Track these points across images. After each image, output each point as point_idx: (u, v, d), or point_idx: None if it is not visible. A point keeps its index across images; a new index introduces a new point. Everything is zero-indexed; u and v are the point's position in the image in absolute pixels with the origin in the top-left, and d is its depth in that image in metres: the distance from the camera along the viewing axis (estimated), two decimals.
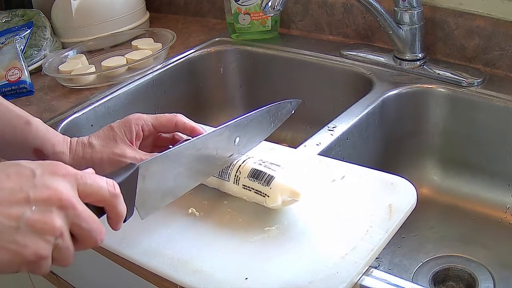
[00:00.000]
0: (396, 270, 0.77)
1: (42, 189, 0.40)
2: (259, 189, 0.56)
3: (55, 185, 0.41)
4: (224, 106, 1.13)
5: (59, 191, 0.41)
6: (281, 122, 0.64)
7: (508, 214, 0.82)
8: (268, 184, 0.55)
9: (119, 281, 0.69)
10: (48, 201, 0.40)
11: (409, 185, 0.59)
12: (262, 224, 0.56)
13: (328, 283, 0.48)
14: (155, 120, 0.61)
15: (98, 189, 0.44)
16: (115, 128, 0.60)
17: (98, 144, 0.59)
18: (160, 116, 0.62)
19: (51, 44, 1.12)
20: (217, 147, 0.57)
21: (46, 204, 0.40)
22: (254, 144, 0.62)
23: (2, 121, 0.57)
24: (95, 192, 0.44)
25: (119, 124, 0.60)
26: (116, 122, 0.61)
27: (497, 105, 0.80)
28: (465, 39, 0.88)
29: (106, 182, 0.44)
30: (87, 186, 0.43)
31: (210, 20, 1.24)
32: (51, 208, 0.40)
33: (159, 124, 0.61)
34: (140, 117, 0.61)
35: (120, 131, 0.59)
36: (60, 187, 0.41)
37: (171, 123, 0.61)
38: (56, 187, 0.41)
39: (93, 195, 0.44)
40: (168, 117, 0.61)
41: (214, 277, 0.50)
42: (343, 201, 0.58)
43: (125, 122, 0.60)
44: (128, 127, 0.59)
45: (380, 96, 0.84)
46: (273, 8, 0.82)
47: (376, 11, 0.86)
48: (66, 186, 0.42)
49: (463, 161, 0.87)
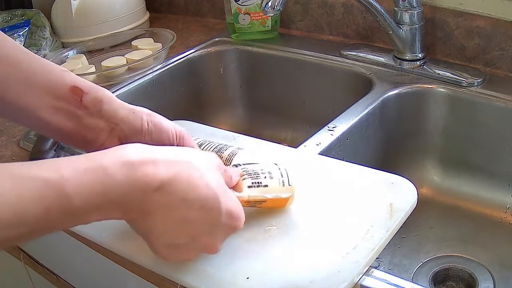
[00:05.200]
0: (396, 270, 0.77)
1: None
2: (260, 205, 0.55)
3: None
4: (224, 106, 1.13)
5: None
6: None
7: (508, 214, 0.82)
8: (266, 200, 0.54)
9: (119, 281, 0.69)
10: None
11: (409, 185, 0.59)
12: (263, 223, 0.56)
13: (329, 282, 0.48)
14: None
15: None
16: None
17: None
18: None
19: (51, 44, 1.12)
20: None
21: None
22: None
23: (38, 65, 0.53)
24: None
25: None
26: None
27: (497, 105, 0.80)
28: (465, 39, 0.88)
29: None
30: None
31: (210, 20, 1.24)
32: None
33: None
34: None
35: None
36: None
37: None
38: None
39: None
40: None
41: (215, 277, 0.50)
42: (344, 200, 0.58)
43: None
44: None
45: (380, 96, 0.84)
46: (273, 8, 0.82)
47: (376, 11, 0.86)
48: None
49: (463, 161, 0.87)
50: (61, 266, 0.84)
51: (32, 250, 0.86)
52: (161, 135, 0.54)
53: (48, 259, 0.85)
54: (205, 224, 0.46)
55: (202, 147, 0.63)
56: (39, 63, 0.53)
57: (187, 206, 0.44)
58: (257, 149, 0.68)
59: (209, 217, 0.46)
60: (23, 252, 0.87)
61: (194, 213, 0.45)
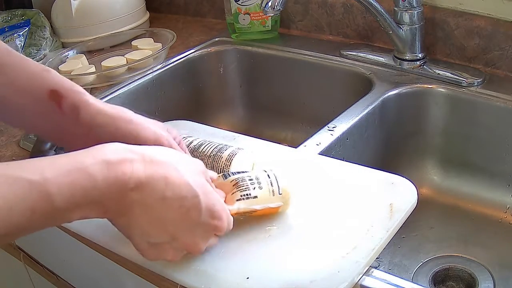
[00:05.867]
0: (396, 270, 0.77)
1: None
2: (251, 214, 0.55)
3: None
4: (224, 106, 1.13)
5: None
6: None
7: (508, 214, 0.82)
8: (256, 211, 0.54)
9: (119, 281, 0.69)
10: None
11: (409, 185, 0.59)
12: (263, 223, 0.56)
13: (330, 282, 0.48)
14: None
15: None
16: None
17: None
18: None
19: (51, 44, 1.12)
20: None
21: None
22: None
23: (20, 67, 0.54)
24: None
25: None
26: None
27: (497, 105, 0.80)
28: (465, 39, 0.88)
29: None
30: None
31: (210, 20, 1.24)
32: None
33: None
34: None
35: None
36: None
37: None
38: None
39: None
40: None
41: (215, 277, 0.50)
42: (344, 200, 0.58)
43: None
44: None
45: (380, 96, 0.84)
46: (273, 8, 0.82)
47: (376, 11, 0.86)
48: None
49: (463, 161, 0.87)
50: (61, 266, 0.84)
51: (32, 250, 0.86)
52: (137, 143, 0.52)
53: (48, 259, 0.85)
54: (185, 223, 0.46)
55: (202, 147, 0.63)
56: (22, 65, 0.53)
57: (166, 205, 0.45)
58: (257, 149, 0.68)
59: (188, 216, 0.46)
60: (23, 252, 0.87)
61: (173, 212, 0.45)
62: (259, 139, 0.71)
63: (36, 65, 0.55)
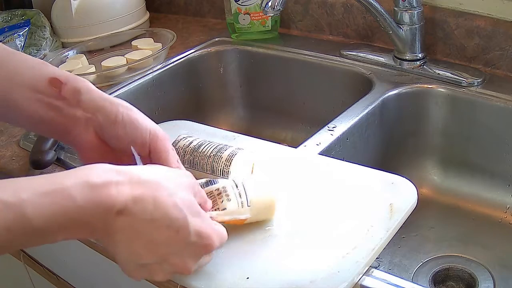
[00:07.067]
0: (396, 270, 0.77)
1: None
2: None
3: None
4: (224, 106, 1.13)
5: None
6: None
7: (508, 214, 0.82)
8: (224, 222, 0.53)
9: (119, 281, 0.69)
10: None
11: (409, 185, 0.59)
12: (263, 223, 0.56)
13: (330, 282, 0.48)
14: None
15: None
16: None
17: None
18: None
19: (51, 44, 1.12)
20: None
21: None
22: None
23: (19, 61, 0.54)
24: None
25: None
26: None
27: (497, 105, 0.80)
28: (465, 39, 0.88)
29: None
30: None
31: (210, 20, 1.24)
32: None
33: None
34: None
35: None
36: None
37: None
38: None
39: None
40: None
41: (215, 277, 0.50)
42: (344, 200, 0.58)
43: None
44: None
45: (380, 96, 0.84)
46: (273, 8, 0.82)
47: (376, 11, 0.86)
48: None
49: (463, 161, 0.87)
50: (61, 266, 0.84)
51: (32, 250, 0.86)
52: (135, 131, 0.53)
53: (48, 259, 0.85)
54: (174, 244, 0.45)
55: (202, 147, 0.63)
56: (22, 60, 0.54)
57: (154, 226, 0.44)
58: (257, 149, 0.68)
59: (177, 238, 0.45)
60: (23, 252, 0.87)
61: (161, 233, 0.44)
62: (259, 139, 0.71)
63: (34, 59, 0.55)
